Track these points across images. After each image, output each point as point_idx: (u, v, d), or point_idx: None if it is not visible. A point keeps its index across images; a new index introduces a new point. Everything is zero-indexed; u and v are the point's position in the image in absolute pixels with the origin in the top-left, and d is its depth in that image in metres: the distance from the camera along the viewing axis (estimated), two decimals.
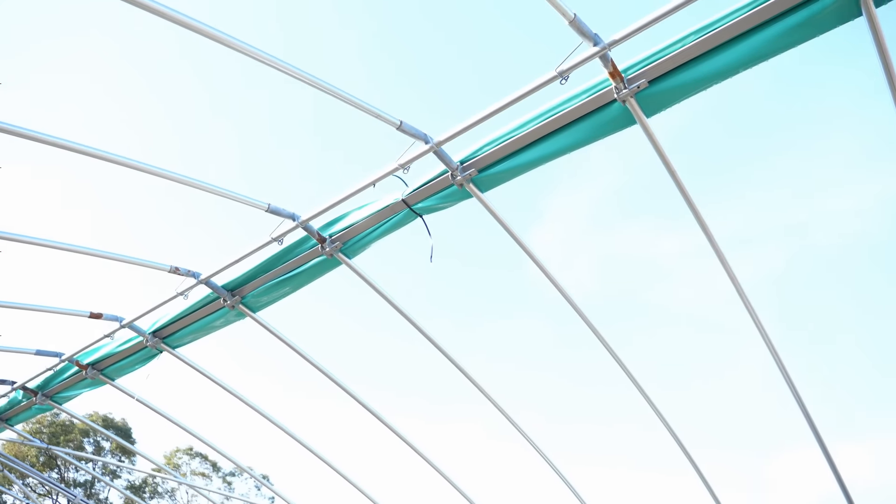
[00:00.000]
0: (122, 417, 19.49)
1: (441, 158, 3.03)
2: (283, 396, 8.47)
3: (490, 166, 3.02)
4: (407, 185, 3.23)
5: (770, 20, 2.38)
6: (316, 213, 3.38)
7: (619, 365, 3.85)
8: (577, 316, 3.59)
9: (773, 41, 2.39)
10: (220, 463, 21.86)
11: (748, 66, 2.46)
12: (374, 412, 4.50)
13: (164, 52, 19.07)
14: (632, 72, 2.61)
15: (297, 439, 4.95)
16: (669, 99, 2.61)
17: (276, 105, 19.85)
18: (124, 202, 22.20)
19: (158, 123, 20.56)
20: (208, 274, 3.85)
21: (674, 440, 4.12)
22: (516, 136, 2.89)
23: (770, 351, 3.32)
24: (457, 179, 3.05)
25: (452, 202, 3.19)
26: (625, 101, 2.64)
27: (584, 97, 2.72)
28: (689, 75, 2.54)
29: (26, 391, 4.91)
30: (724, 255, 3.07)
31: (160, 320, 4.24)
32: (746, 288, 3.15)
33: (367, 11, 19.29)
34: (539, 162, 2.91)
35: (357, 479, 5.29)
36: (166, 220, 22.16)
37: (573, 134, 2.80)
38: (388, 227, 3.35)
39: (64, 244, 3.70)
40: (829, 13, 2.29)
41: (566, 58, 2.62)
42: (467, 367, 4.11)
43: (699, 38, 2.48)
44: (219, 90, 20.37)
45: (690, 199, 2.90)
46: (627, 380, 3.91)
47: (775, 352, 3.30)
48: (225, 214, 20.49)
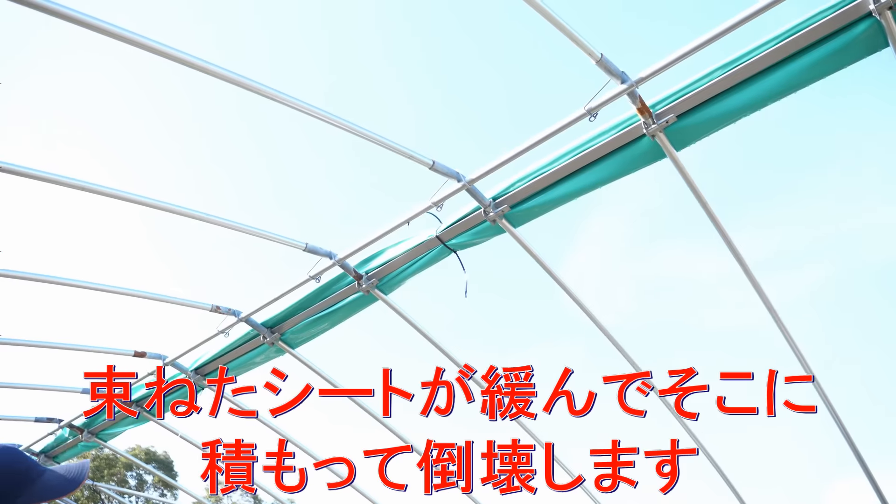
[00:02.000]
0: (164, 451, 19.65)
1: (473, 195, 3.09)
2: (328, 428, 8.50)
3: (522, 202, 3.07)
4: (441, 222, 3.29)
5: (796, 53, 2.41)
6: (352, 252, 3.47)
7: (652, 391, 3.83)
8: (612, 344, 3.60)
9: (800, 74, 2.41)
10: (260, 495, 21.91)
11: (776, 98, 2.49)
12: (412, 444, 4.52)
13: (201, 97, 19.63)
14: (660, 107, 2.65)
15: (339, 475, 4.98)
16: (698, 133, 2.65)
17: (314, 148, 20.26)
18: (167, 245, 22.71)
19: (204, 167, 21.10)
20: (248, 312, 3.95)
21: (717, 472, 4.07)
22: (547, 172, 2.94)
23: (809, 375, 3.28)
24: (489, 216, 3.11)
25: (485, 237, 3.25)
26: (654, 135, 2.68)
27: (614, 133, 2.77)
28: (717, 109, 2.57)
29: (73, 429, 5.04)
30: (759, 280, 3.06)
31: (202, 357, 4.34)
32: (792, 309, 3.13)
33: (405, 58, 19.68)
34: (570, 197, 2.96)
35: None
36: (208, 261, 22.61)
37: (603, 169, 2.84)
38: (422, 264, 3.42)
39: (107, 286, 3.82)
40: (856, 45, 2.31)
41: (594, 95, 2.68)
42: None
43: (726, 72, 2.52)
44: (254, 131, 20.86)
45: (723, 229, 2.92)
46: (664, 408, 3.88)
47: (816, 380, 3.26)
48: (264, 254, 20.88)
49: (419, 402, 3.09)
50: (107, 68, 15.23)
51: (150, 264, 21.35)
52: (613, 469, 2.97)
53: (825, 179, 22.02)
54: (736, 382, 2.85)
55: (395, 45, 19.03)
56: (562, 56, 20.47)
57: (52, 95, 16.43)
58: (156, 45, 2.29)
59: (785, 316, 3.14)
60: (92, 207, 11.77)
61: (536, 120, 2.61)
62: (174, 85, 16.40)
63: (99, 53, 13.43)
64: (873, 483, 3.50)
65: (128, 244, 22.37)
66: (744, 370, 2.81)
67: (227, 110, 20.75)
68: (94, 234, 21.27)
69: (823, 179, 22.02)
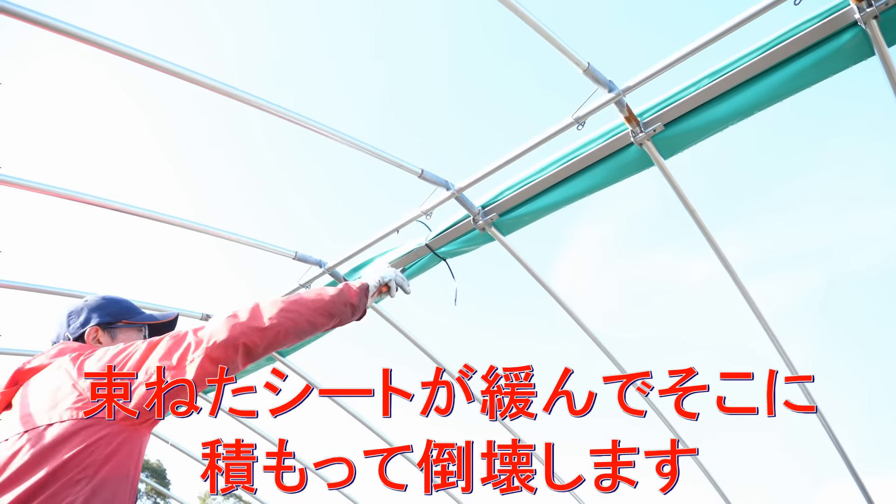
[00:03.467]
0: (157, 459, 19.59)
1: (462, 204, 3.09)
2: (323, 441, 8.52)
3: (511, 210, 3.06)
4: (430, 230, 3.29)
5: (783, 62, 2.41)
6: (342, 260, 3.46)
7: (640, 396, 3.83)
8: (601, 350, 3.60)
9: (787, 82, 2.42)
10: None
11: (763, 107, 2.50)
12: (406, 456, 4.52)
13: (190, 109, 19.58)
14: (647, 115, 2.66)
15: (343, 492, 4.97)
16: (686, 141, 2.65)
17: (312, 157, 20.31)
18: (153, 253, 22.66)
19: (192, 175, 21.07)
20: None
21: (704, 475, 4.08)
22: (536, 180, 2.94)
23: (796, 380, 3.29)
24: (478, 224, 3.10)
25: (475, 246, 3.24)
26: (641, 144, 2.68)
27: (602, 141, 2.77)
28: (704, 118, 2.58)
29: None
30: (745, 285, 3.06)
31: None
32: (782, 314, 3.14)
33: (384, 70, 19.73)
34: (559, 205, 2.96)
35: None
36: (196, 270, 22.55)
37: (592, 177, 2.84)
38: (412, 272, 3.41)
39: None
40: (842, 54, 2.32)
41: (582, 104, 2.67)
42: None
43: (713, 81, 2.52)
44: (239, 139, 20.88)
45: (711, 237, 2.92)
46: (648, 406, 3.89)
47: (804, 385, 3.27)
48: (252, 263, 20.95)
49: (418, 403, 3.09)
50: (88, 75, 15.20)
51: (140, 272, 21.31)
52: (613, 469, 2.97)
53: (815, 185, 22.20)
54: (732, 384, 2.85)
55: (383, 55, 19.11)
56: (549, 65, 20.54)
57: (45, 103, 16.38)
58: (154, 60, 2.27)
59: (773, 321, 3.15)
60: (83, 218, 11.75)
61: (525, 128, 2.61)
62: (161, 94, 16.38)
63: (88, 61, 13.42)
64: (862, 488, 3.51)
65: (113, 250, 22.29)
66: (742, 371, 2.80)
67: (212, 119, 20.74)
68: (76, 242, 21.18)
69: (814, 185, 22.19)
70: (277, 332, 1.68)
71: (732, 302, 3.16)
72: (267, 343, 1.67)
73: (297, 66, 17.24)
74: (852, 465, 3.40)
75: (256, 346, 1.64)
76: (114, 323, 1.87)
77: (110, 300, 1.91)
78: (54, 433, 1.43)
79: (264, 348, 1.67)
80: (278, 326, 1.68)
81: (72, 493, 1.36)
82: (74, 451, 1.40)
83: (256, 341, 1.64)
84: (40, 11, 2.03)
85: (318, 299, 1.86)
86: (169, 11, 17.06)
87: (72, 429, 1.44)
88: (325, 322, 1.86)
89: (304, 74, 17.94)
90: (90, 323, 1.83)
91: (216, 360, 1.57)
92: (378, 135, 7.14)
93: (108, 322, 1.86)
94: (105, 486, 1.43)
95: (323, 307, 1.85)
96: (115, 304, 1.91)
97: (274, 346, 1.70)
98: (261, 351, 1.66)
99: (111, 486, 1.44)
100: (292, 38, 18.46)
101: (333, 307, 1.89)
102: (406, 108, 21.35)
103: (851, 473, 3.46)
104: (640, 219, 22.31)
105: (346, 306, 1.94)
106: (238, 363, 1.63)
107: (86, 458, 1.41)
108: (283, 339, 1.71)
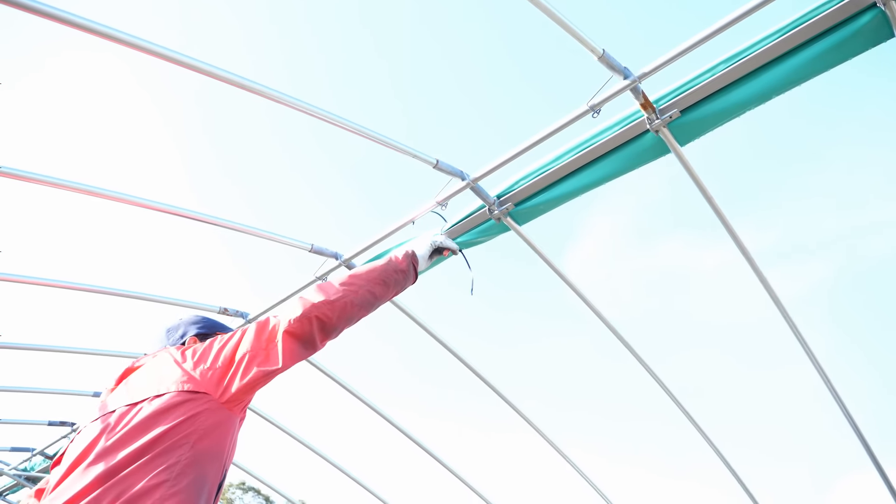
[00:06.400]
0: None
1: (478, 194, 3.09)
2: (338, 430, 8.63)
3: (526, 200, 3.06)
4: (446, 221, 3.29)
5: (799, 46, 2.39)
6: (358, 252, 3.47)
7: (657, 383, 3.83)
8: (617, 339, 3.60)
9: (804, 67, 2.40)
10: (272, 497, 22.00)
11: (780, 91, 2.47)
12: (430, 451, 4.54)
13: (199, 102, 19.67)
14: (663, 102, 2.64)
15: (354, 478, 5.01)
16: (703, 127, 2.64)
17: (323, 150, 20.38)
18: (168, 247, 22.84)
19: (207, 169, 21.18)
20: (258, 312, 3.97)
21: (715, 454, 4.06)
22: (551, 169, 2.93)
23: (816, 368, 3.27)
24: (494, 214, 3.10)
25: (491, 236, 3.24)
26: (658, 130, 2.67)
27: (617, 129, 2.76)
28: (720, 104, 2.56)
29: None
30: (763, 272, 3.04)
31: None
32: (800, 299, 3.12)
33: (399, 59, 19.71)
34: (575, 193, 2.95)
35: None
36: (212, 264, 22.70)
37: (608, 165, 2.83)
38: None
39: (112, 288, 3.84)
40: (861, 36, 2.30)
41: (597, 91, 2.67)
42: (509, 392, 4.14)
43: (729, 66, 2.50)
44: (253, 133, 20.98)
45: (728, 223, 2.91)
46: (664, 394, 3.89)
47: (821, 369, 3.24)
48: (269, 255, 21.06)
49: (421, 406, 3.10)
50: (104, 68, 15.30)
51: (152, 267, 21.44)
52: None
53: (828, 175, 21.96)
54: (750, 373, 2.82)
55: (395, 45, 19.08)
56: (564, 52, 20.45)
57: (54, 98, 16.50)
58: (164, 51, 2.29)
59: (791, 308, 3.13)
60: (92, 210, 11.84)
61: (540, 117, 2.61)
62: (171, 86, 16.45)
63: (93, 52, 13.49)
64: (884, 477, 3.48)
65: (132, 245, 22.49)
66: (746, 363, 2.79)
67: (223, 112, 20.83)
68: (91, 237, 21.36)
69: (826, 175, 21.95)
70: (344, 303, 1.87)
71: (749, 288, 3.14)
72: (337, 315, 1.84)
73: (307, 57, 17.26)
74: (874, 452, 3.38)
75: (329, 318, 1.82)
76: (209, 335, 2.07)
77: (201, 317, 2.15)
78: (161, 402, 1.59)
79: (336, 319, 1.84)
80: (344, 298, 1.87)
81: (175, 455, 1.51)
82: (180, 420, 1.56)
83: (328, 314, 1.82)
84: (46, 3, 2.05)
85: (371, 271, 2.07)
86: (177, 6, 17.11)
87: (176, 399, 1.59)
88: (384, 291, 2.06)
89: (314, 65, 17.96)
90: (188, 335, 2.05)
91: (296, 335, 1.75)
92: (391, 125, 7.11)
93: (204, 333, 2.07)
94: (203, 457, 1.57)
95: (377, 277, 2.05)
96: (208, 320, 2.14)
97: (344, 319, 1.87)
98: (334, 322, 1.84)
99: (207, 459, 1.58)
100: (300, 29, 18.46)
101: (386, 275, 2.09)
102: (419, 97, 21.37)
103: (872, 461, 3.43)
104: (647, 208, 22.15)
105: (398, 272, 2.16)
106: (316, 339, 1.80)
107: (188, 427, 1.56)
108: (351, 311, 1.89)
